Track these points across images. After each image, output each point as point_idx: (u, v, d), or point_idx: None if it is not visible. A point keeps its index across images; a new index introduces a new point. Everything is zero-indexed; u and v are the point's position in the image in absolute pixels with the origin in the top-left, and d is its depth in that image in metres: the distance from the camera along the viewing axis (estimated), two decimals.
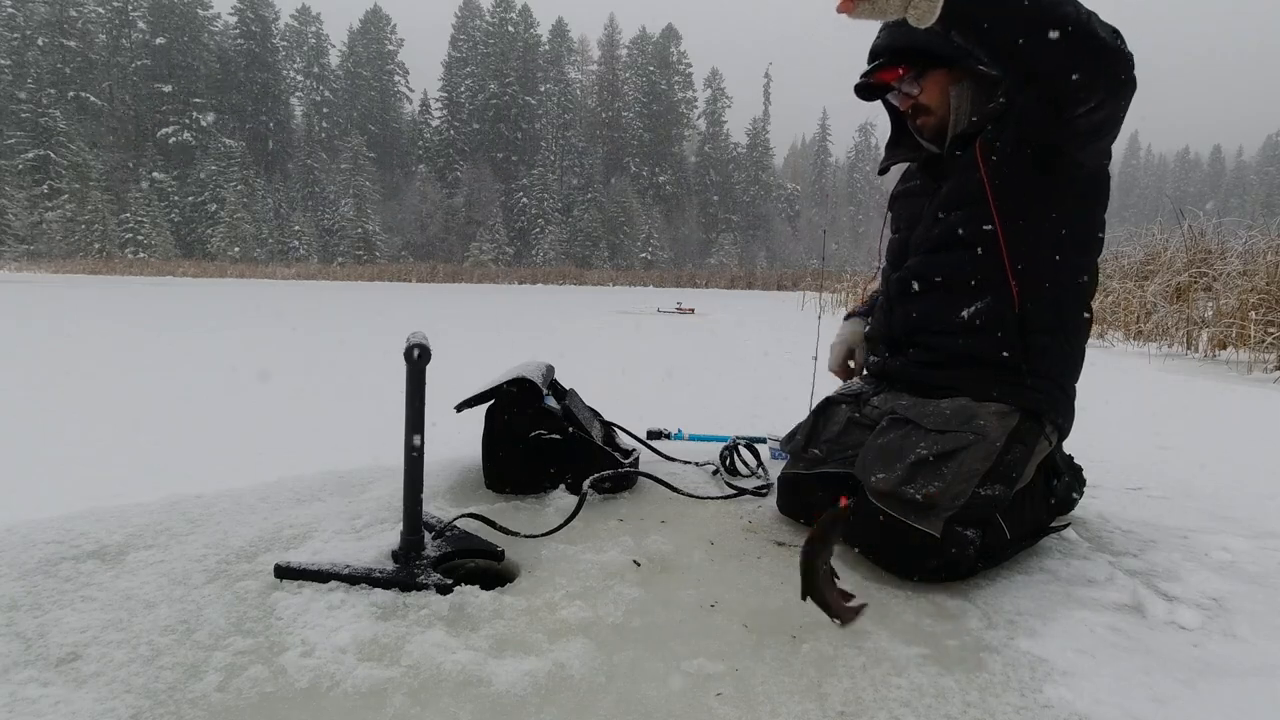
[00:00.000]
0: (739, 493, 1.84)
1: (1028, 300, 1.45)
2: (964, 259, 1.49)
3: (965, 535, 1.32)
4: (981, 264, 1.47)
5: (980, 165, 1.46)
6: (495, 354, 5.30)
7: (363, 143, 50.88)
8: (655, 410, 2.79)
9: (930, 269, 1.55)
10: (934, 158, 1.62)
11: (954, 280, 1.51)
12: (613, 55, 62.04)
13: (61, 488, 1.93)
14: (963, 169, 1.50)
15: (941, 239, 1.52)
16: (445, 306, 13.48)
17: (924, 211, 1.60)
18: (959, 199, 1.50)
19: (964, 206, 1.48)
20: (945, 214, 1.52)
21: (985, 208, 1.45)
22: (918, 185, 1.67)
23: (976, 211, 1.46)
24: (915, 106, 1.58)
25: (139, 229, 43.44)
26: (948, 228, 1.51)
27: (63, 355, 5.05)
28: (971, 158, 1.48)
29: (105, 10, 49.60)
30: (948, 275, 1.52)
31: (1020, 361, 1.46)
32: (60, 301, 11.87)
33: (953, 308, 1.50)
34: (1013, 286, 1.45)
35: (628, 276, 42.19)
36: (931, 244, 1.55)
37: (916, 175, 1.70)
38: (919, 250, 1.59)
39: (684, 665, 1.06)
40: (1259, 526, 1.77)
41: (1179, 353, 6.07)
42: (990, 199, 1.44)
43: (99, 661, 1.03)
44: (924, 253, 1.57)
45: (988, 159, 1.45)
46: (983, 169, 1.45)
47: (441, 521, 1.47)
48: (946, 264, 1.52)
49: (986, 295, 1.47)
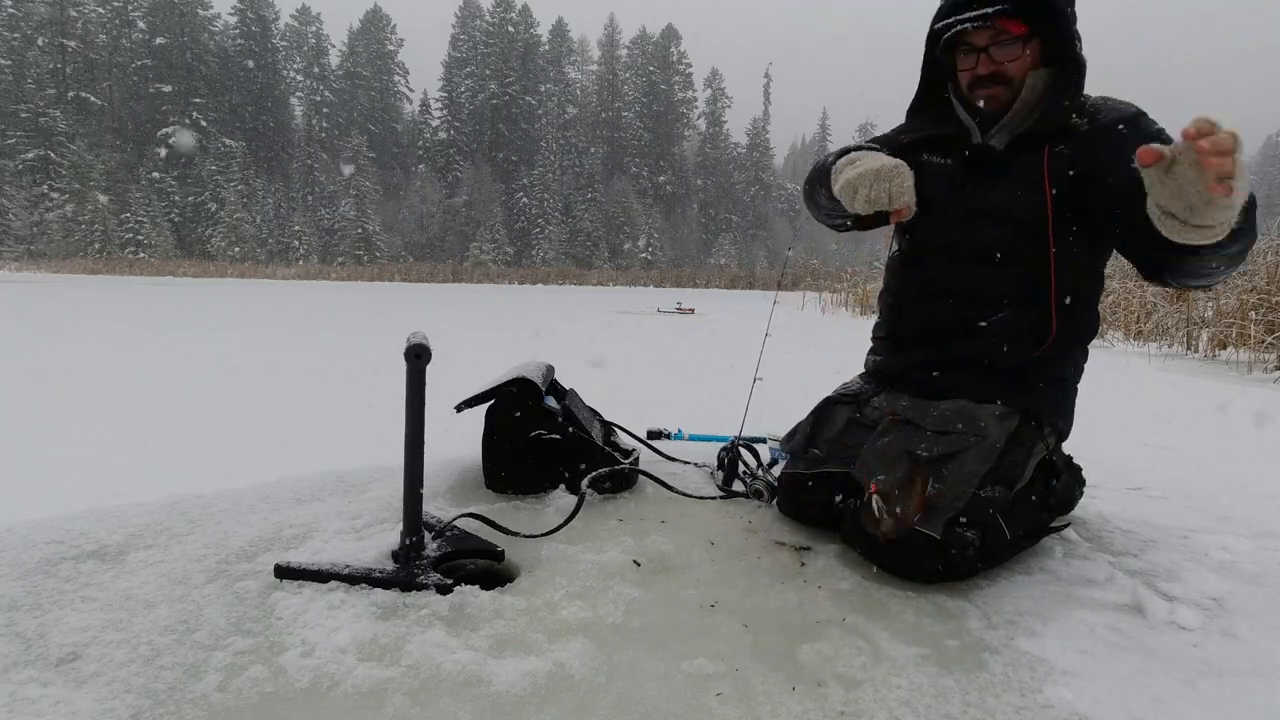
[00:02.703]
0: (731, 494, 1.84)
1: (1062, 320, 1.42)
2: (1002, 275, 1.44)
3: (965, 536, 1.32)
4: (1020, 282, 1.43)
5: (1046, 188, 1.38)
6: (495, 354, 5.30)
7: (363, 143, 50.86)
8: (655, 410, 2.79)
9: (959, 280, 1.48)
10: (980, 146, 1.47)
11: (984, 292, 1.46)
12: (613, 55, 62.03)
13: (61, 488, 1.93)
14: (1021, 180, 1.41)
15: (981, 252, 1.44)
16: (445, 306, 13.48)
17: (951, 200, 1.49)
18: (1010, 215, 1.42)
19: (1016, 224, 1.42)
20: (992, 227, 1.43)
21: (1042, 233, 1.40)
22: (943, 164, 1.52)
23: (1029, 232, 1.41)
24: (995, 74, 1.41)
25: (139, 229, 43.43)
26: (991, 242, 1.43)
27: (63, 355, 5.04)
28: (1035, 173, 1.39)
29: (105, 10, 49.61)
30: (979, 287, 1.46)
31: (1029, 370, 1.45)
32: (60, 301, 11.86)
33: (972, 315, 1.47)
34: (1053, 310, 1.42)
35: (628, 276, 42.17)
36: (968, 254, 1.46)
37: (939, 149, 1.53)
38: (947, 252, 1.50)
39: (684, 665, 1.06)
40: (1259, 526, 1.77)
41: (1179, 353, 6.07)
42: (1050, 228, 1.39)
43: (99, 661, 1.03)
44: (955, 259, 1.49)
45: (1057, 183, 1.37)
46: (1048, 194, 1.38)
47: (441, 521, 1.47)
48: (980, 277, 1.46)
49: (1011, 308, 1.44)
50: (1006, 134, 1.45)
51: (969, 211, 1.47)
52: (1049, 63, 1.41)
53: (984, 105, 1.44)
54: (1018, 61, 1.39)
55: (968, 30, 1.39)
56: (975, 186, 1.47)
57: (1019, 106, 1.42)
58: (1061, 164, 1.39)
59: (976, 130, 1.48)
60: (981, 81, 1.42)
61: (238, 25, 54.14)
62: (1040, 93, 1.41)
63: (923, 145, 1.54)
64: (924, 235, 1.56)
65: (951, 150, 1.51)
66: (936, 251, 1.52)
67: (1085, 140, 1.38)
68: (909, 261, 1.61)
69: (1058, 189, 1.39)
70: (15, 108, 43.26)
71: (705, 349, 6.72)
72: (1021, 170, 1.42)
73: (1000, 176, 1.45)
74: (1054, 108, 1.39)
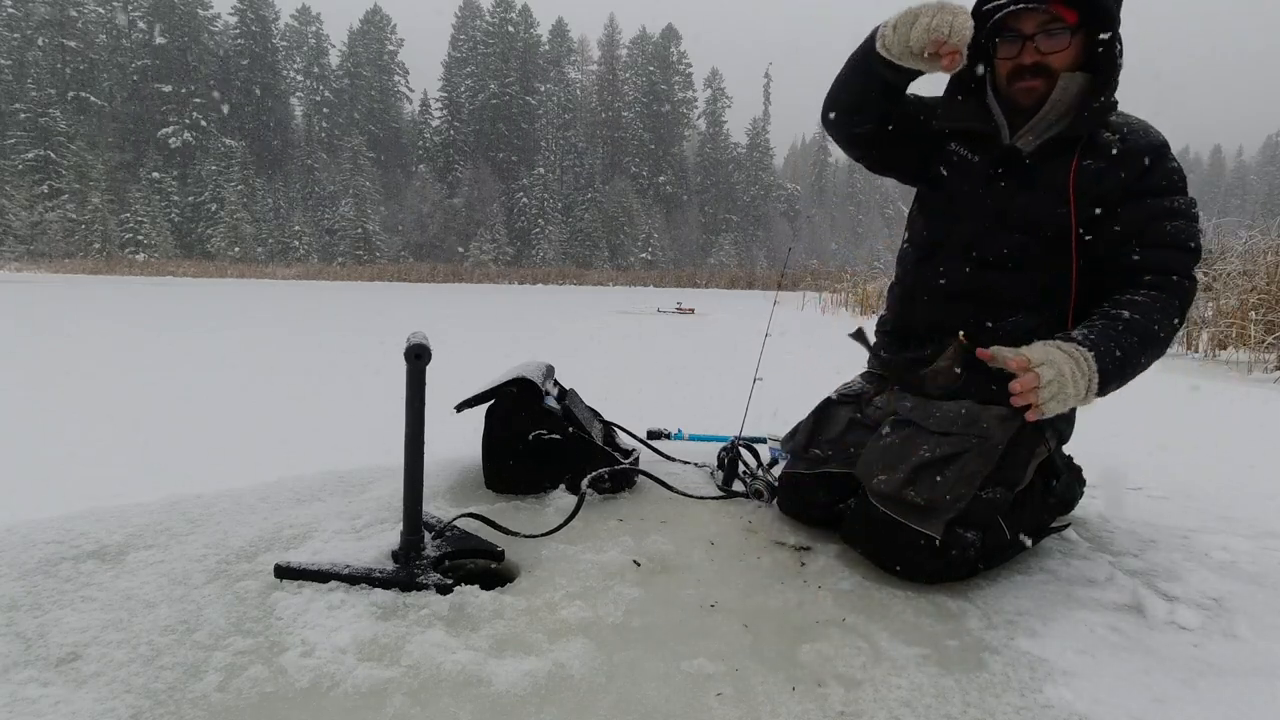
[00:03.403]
0: (731, 494, 1.84)
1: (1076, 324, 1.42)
2: (1017, 280, 1.44)
3: (966, 537, 1.32)
4: (1034, 289, 1.44)
5: (1071, 200, 1.39)
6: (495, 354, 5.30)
7: (363, 143, 50.86)
8: (655, 410, 2.79)
9: (973, 281, 1.48)
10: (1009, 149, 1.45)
11: (997, 295, 1.46)
12: (613, 55, 62.01)
13: (61, 488, 1.93)
14: (1047, 189, 1.41)
15: (999, 256, 1.44)
16: (445, 306, 13.48)
17: (974, 199, 1.48)
18: (1033, 222, 1.42)
19: (1037, 232, 1.42)
20: (1013, 232, 1.43)
21: (1064, 244, 1.40)
22: (970, 160, 1.50)
23: (1050, 241, 1.41)
24: (1038, 65, 1.38)
25: (139, 229, 43.42)
26: (1010, 247, 1.43)
27: (63, 355, 5.05)
28: (1062, 184, 1.39)
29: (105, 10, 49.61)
30: (993, 289, 1.46)
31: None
32: (60, 301, 11.87)
33: (983, 317, 1.46)
34: (1070, 320, 1.43)
35: (628, 276, 42.18)
36: (986, 256, 1.46)
37: (968, 143, 1.51)
38: (964, 252, 1.49)
39: (684, 665, 1.06)
40: (1259, 526, 1.77)
41: (1179, 352, 6.06)
42: (1074, 240, 1.40)
43: (99, 661, 1.03)
44: (971, 260, 1.48)
45: (1082, 196, 1.38)
46: (1073, 206, 1.39)
47: (441, 521, 1.47)
48: (995, 280, 1.46)
49: (1022, 313, 1.44)
50: (1035, 136, 1.43)
51: (990, 213, 1.47)
52: (1084, 68, 1.41)
53: (1021, 99, 1.42)
54: (1062, 54, 1.37)
55: (1018, 14, 1.36)
56: (1000, 189, 1.46)
57: (1048, 109, 1.41)
58: (1088, 179, 1.39)
59: (1006, 129, 1.47)
60: (1022, 72, 1.40)
61: (238, 25, 54.11)
62: (1073, 95, 1.40)
63: (952, 135, 1.53)
64: (941, 232, 1.55)
65: (979, 147, 1.49)
66: (952, 250, 1.51)
67: (1113, 162, 1.38)
68: (923, 257, 1.59)
69: (1082, 203, 1.39)
70: (15, 108, 43.25)
71: (705, 349, 6.72)
72: (1048, 179, 1.41)
73: (1026, 182, 1.44)
74: (1085, 114, 1.38)
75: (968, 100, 1.49)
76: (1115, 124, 1.42)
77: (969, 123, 1.48)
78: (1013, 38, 1.40)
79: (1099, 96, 1.38)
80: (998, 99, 1.47)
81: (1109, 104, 1.39)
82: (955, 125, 1.50)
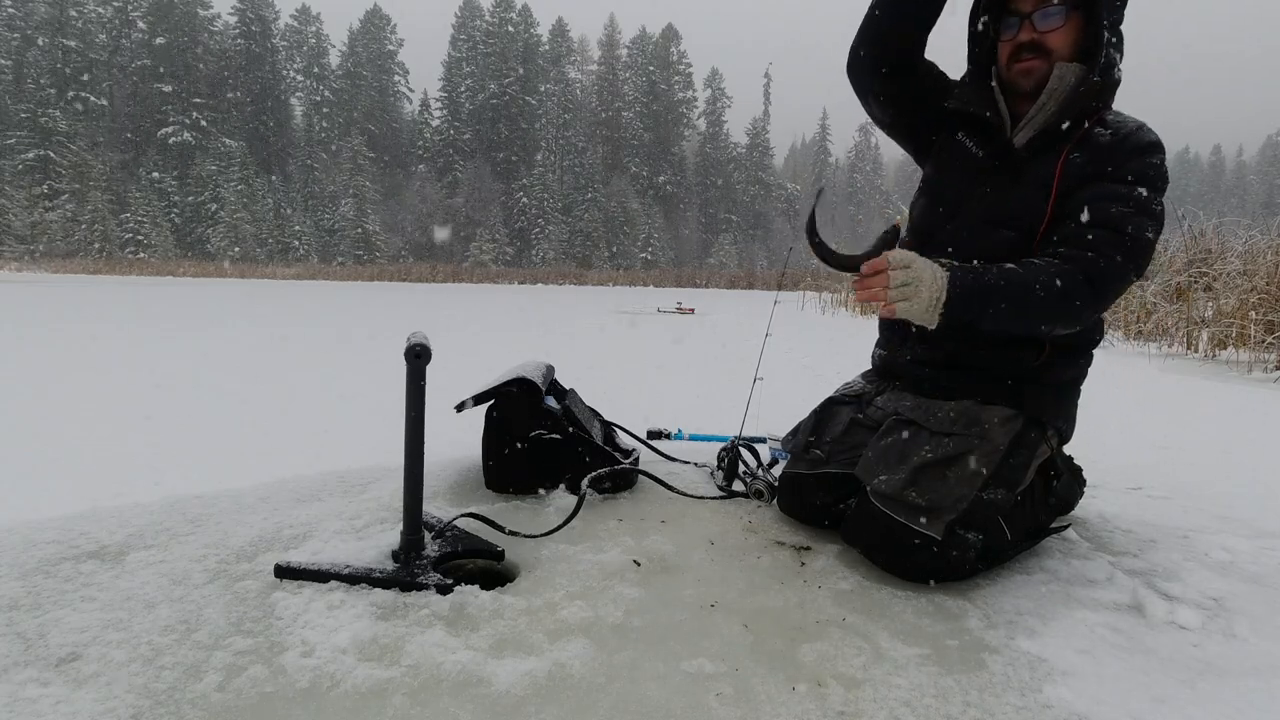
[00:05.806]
0: (731, 494, 1.84)
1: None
2: None
3: (966, 538, 1.32)
4: None
5: (1053, 194, 1.39)
6: (496, 354, 5.30)
7: (363, 143, 50.87)
8: (655, 410, 2.79)
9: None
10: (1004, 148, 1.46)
11: None
12: (613, 55, 62.02)
13: (61, 488, 1.94)
14: (1034, 185, 1.41)
15: (989, 257, 1.41)
16: (445, 306, 13.48)
17: (967, 197, 1.49)
18: (1020, 220, 1.42)
19: (1025, 230, 1.42)
20: (1002, 231, 1.43)
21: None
22: (972, 152, 1.52)
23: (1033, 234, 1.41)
24: (1035, 43, 1.40)
25: (139, 229, 43.43)
26: (999, 246, 1.42)
27: (63, 355, 5.05)
28: (1048, 178, 1.40)
29: (105, 10, 49.60)
30: None
31: (1033, 374, 1.45)
32: (60, 301, 11.87)
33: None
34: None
35: (628, 276, 42.16)
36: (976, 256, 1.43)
37: (975, 132, 1.53)
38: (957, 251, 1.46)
39: (684, 665, 1.06)
40: (1259, 526, 1.77)
41: (1179, 353, 6.06)
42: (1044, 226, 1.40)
43: (99, 661, 1.03)
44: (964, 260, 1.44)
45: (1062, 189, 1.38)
46: (1053, 198, 1.39)
47: (441, 521, 1.47)
48: None
49: None
50: (1031, 129, 1.44)
51: (982, 212, 1.47)
52: (1081, 59, 1.41)
53: (1021, 82, 1.43)
54: (1057, 33, 1.39)
55: None
56: (993, 188, 1.47)
57: (1045, 99, 1.41)
58: (1073, 171, 1.39)
59: (1009, 120, 1.48)
60: (1020, 51, 1.42)
61: (238, 25, 54.12)
62: (1069, 85, 1.40)
63: (962, 125, 1.55)
64: (934, 229, 1.55)
65: (984, 142, 1.51)
66: (943, 248, 1.50)
67: (1099, 153, 1.38)
68: (919, 233, 1.59)
69: (1062, 193, 1.39)
70: (15, 108, 43.27)
71: (705, 349, 6.72)
72: (1036, 175, 1.42)
73: (1016, 178, 1.45)
74: (1076, 97, 1.39)
75: (978, 86, 1.51)
76: (1111, 122, 1.42)
77: (976, 107, 1.49)
78: (1012, 20, 1.43)
79: (1088, 77, 1.38)
80: (1002, 90, 1.49)
81: (1096, 86, 1.38)
82: (962, 107, 1.51)
